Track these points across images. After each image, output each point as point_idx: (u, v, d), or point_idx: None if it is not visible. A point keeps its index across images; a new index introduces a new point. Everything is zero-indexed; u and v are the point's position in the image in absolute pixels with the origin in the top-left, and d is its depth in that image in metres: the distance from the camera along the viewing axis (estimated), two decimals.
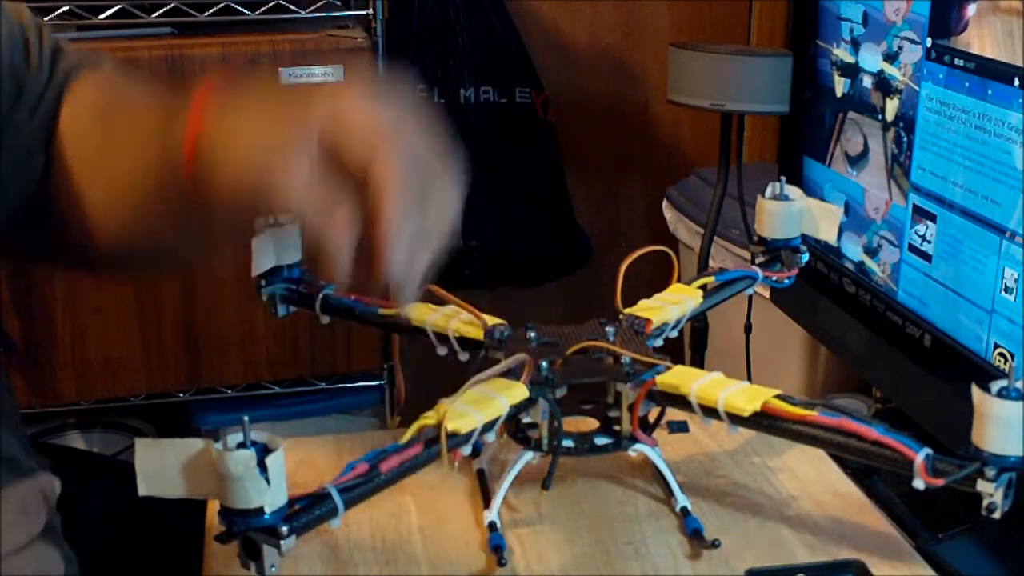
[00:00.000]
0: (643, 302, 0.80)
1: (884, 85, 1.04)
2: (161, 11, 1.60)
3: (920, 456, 0.60)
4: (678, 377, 0.70)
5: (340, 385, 1.81)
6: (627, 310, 0.78)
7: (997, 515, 0.59)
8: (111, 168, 0.74)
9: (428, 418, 0.64)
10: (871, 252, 1.08)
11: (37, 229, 0.80)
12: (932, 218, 0.97)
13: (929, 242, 0.98)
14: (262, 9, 1.63)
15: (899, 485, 0.93)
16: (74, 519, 0.78)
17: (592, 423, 0.75)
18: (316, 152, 0.59)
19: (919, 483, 0.59)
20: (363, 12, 1.67)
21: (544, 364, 0.71)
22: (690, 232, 1.81)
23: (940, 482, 0.59)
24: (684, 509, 0.76)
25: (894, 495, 1.00)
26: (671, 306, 0.79)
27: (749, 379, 1.10)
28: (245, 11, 1.62)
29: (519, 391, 0.68)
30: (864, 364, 1.14)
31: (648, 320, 0.77)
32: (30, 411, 1.65)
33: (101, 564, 0.89)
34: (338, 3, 1.71)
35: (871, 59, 1.06)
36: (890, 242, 1.04)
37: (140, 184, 0.71)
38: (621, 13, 2.16)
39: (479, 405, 0.66)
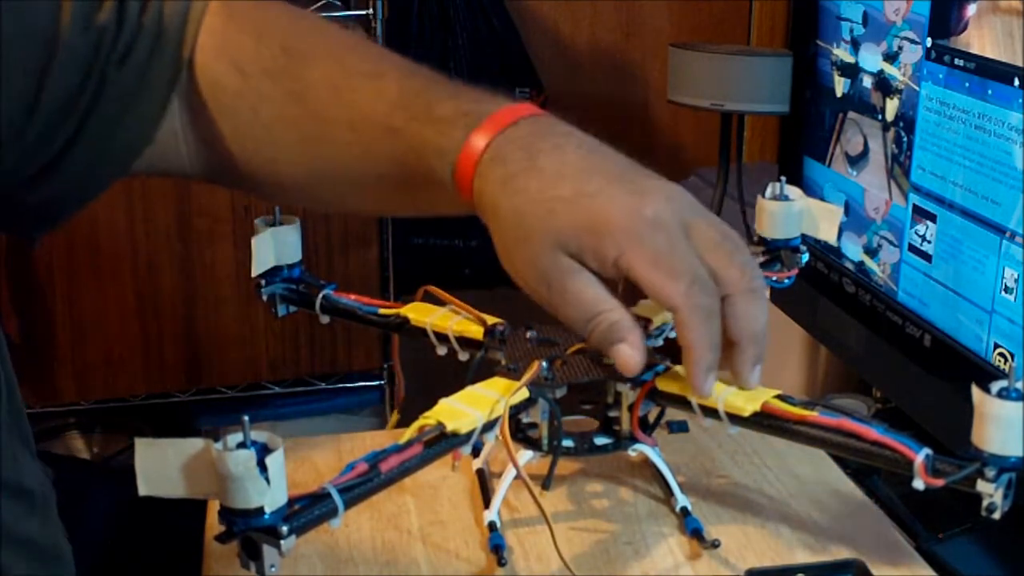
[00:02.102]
0: (643, 302, 0.80)
1: (884, 85, 1.04)
2: None
3: (920, 456, 0.59)
4: (678, 377, 0.70)
5: (340, 385, 1.81)
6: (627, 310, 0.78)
7: (997, 515, 0.59)
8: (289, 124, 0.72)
9: (428, 418, 0.64)
10: (871, 252, 1.07)
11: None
12: (932, 218, 0.97)
13: (929, 242, 0.98)
14: None
15: (899, 485, 0.93)
16: (74, 520, 0.78)
17: (592, 423, 0.75)
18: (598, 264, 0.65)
19: (919, 483, 0.59)
20: (363, 12, 1.67)
21: (544, 364, 0.71)
22: None
23: (940, 482, 0.59)
24: (684, 509, 0.76)
25: (894, 495, 1.00)
26: None
27: None
28: None
29: (519, 391, 0.68)
30: (864, 364, 1.14)
31: (648, 320, 0.77)
32: (30, 411, 1.65)
33: (101, 564, 0.89)
34: (338, 3, 1.71)
35: (871, 59, 1.06)
36: (890, 242, 1.04)
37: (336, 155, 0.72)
38: (621, 13, 2.16)
39: (479, 405, 0.66)
